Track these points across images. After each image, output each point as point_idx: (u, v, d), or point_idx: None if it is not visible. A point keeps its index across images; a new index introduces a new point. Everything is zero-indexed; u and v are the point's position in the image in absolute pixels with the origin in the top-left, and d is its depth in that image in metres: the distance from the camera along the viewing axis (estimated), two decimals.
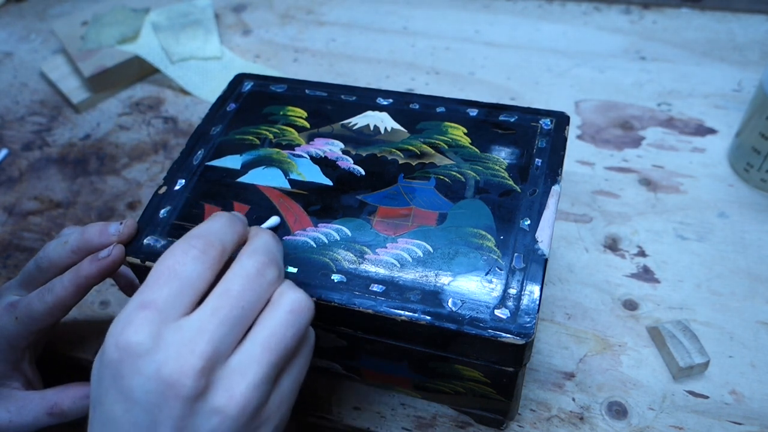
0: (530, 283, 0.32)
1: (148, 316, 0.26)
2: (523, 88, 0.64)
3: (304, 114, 0.43)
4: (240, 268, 0.28)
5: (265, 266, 0.29)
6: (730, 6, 0.71)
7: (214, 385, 0.26)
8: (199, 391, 0.26)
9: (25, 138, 0.66)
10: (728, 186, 0.53)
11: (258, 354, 0.27)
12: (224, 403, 0.26)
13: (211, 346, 0.26)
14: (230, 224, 0.30)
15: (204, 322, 0.26)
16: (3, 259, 0.55)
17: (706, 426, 0.40)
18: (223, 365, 0.26)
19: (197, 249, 0.28)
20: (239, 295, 0.27)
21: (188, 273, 0.27)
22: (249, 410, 0.26)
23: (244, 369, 0.26)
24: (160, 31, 0.71)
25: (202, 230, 0.29)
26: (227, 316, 0.27)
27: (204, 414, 0.26)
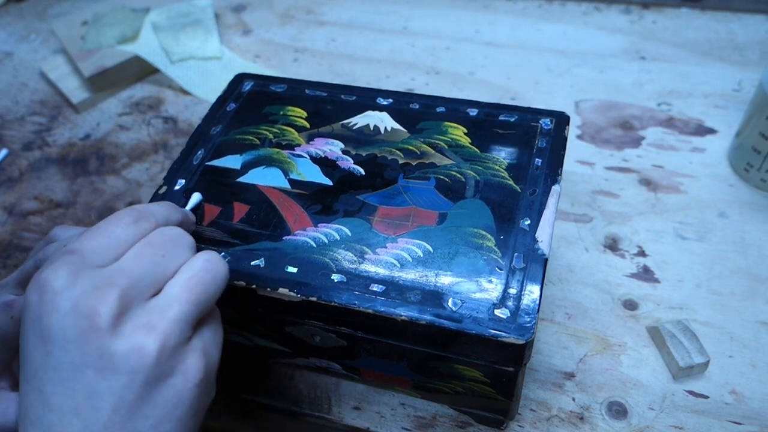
0: (530, 283, 0.32)
1: (70, 259, 0.27)
2: (523, 88, 0.64)
3: (304, 114, 0.43)
4: (163, 229, 0.30)
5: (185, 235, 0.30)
6: (730, 6, 0.71)
7: (134, 321, 0.26)
8: (117, 322, 0.26)
9: (25, 138, 0.66)
10: (728, 186, 0.53)
11: (177, 293, 0.27)
12: (143, 338, 0.26)
13: (129, 281, 0.27)
14: (169, 209, 0.32)
15: (124, 263, 0.28)
16: (3, 259, 0.55)
17: (706, 426, 0.40)
18: (142, 305, 0.27)
19: (131, 218, 0.29)
20: (160, 244, 0.29)
21: (118, 233, 0.29)
22: (169, 345, 0.26)
23: (164, 306, 0.27)
24: (160, 31, 0.71)
25: (142, 206, 0.31)
26: (147, 259, 0.28)
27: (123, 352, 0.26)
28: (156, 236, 0.29)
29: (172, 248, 0.29)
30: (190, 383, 0.27)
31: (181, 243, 0.30)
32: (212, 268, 0.29)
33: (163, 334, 0.26)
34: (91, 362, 0.26)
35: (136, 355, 0.26)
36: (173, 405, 0.27)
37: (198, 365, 0.28)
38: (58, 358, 0.26)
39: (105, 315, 0.26)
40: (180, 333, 0.27)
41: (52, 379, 0.26)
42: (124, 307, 0.26)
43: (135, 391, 0.26)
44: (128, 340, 0.26)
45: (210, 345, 0.29)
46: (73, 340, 0.26)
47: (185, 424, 0.28)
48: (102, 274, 0.27)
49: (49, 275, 0.26)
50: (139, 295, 0.27)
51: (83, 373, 0.26)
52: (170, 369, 0.27)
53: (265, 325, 0.38)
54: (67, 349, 0.26)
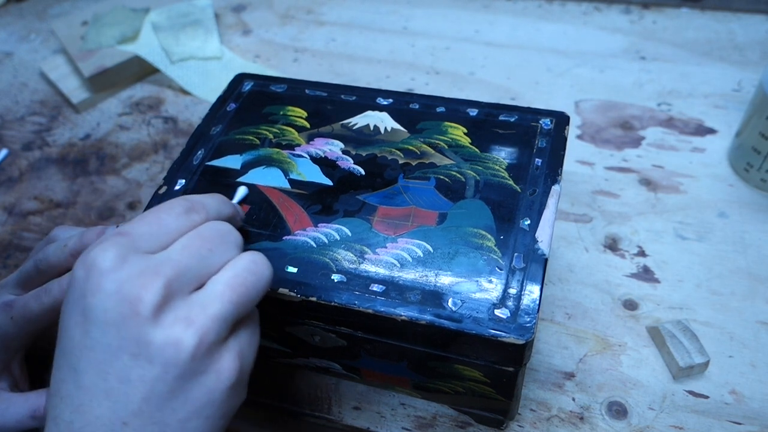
0: (530, 283, 0.32)
1: (120, 240, 0.27)
2: (523, 88, 0.64)
3: (304, 114, 0.43)
4: (213, 223, 0.30)
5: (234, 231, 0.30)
6: (730, 6, 0.71)
7: (174, 313, 0.26)
8: (158, 311, 0.26)
9: (25, 138, 0.66)
10: (728, 186, 0.53)
11: (220, 291, 0.27)
12: (181, 331, 0.26)
13: (174, 271, 0.27)
14: (221, 202, 0.32)
15: (172, 253, 0.28)
16: (3, 259, 0.55)
17: (706, 426, 0.40)
18: (184, 298, 0.27)
19: (183, 208, 0.30)
20: (209, 238, 0.29)
21: (168, 222, 0.29)
22: (206, 342, 0.26)
23: (206, 302, 0.27)
24: (160, 31, 0.71)
25: (194, 197, 0.31)
26: (195, 252, 0.28)
27: (160, 342, 0.26)
28: (205, 229, 0.29)
29: (219, 244, 0.29)
30: (223, 384, 0.27)
31: (230, 239, 0.30)
32: (257, 269, 0.29)
33: (201, 330, 0.26)
34: (128, 347, 0.26)
35: (172, 348, 0.26)
36: (203, 403, 0.27)
37: (232, 366, 0.27)
38: (96, 339, 0.26)
39: (148, 302, 0.26)
40: (218, 331, 0.27)
41: (87, 358, 0.26)
42: (167, 298, 0.26)
43: (167, 384, 0.26)
44: (167, 331, 0.26)
45: (246, 347, 0.29)
46: (113, 322, 0.26)
47: (213, 423, 0.28)
48: (149, 261, 0.27)
49: (98, 255, 0.26)
50: (183, 288, 0.27)
51: (118, 357, 0.26)
52: (204, 367, 0.27)
53: (265, 325, 0.38)
54: (106, 330, 0.26)
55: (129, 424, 0.26)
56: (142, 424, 0.26)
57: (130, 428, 0.26)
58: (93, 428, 0.26)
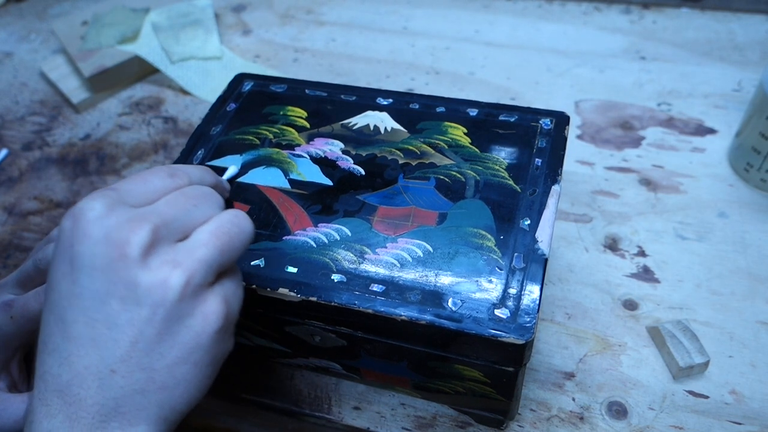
0: (530, 283, 0.32)
1: (108, 193, 0.28)
2: (523, 88, 0.64)
3: (304, 114, 0.43)
4: (195, 186, 0.31)
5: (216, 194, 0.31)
6: (730, 6, 0.71)
7: (161, 257, 0.27)
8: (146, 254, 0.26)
9: (25, 138, 0.66)
10: (728, 186, 0.53)
11: (205, 238, 0.28)
12: (168, 272, 0.26)
13: (161, 219, 0.27)
14: (204, 172, 0.33)
15: (157, 205, 0.28)
16: (3, 259, 0.55)
17: (706, 426, 0.40)
18: (171, 244, 0.27)
19: (166, 173, 0.31)
20: (193, 196, 0.30)
21: (154, 182, 0.30)
22: (193, 283, 0.27)
23: (192, 248, 0.27)
24: (160, 31, 0.71)
25: (178, 166, 0.32)
26: (180, 206, 0.29)
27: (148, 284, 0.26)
28: (189, 189, 0.30)
29: (203, 200, 0.30)
30: (210, 327, 0.27)
31: (212, 199, 0.30)
32: (239, 222, 0.30)
33: (188, 271, 0.27)
34: (116, 292, 0.26)
35: (160, 289, 0.26)
36: (191, 348, 0.27)
37: (219, 310, 0.28)
38: (84, 286, 0.26)
39: (135, 244, 0.26)
40: (204, 274, 0.27)
41: (74, 306, 0.27)
42: (154, 242, 0.27)
43: (155, 326, 0.26)
44: (154, 272, 0.26)
45: (231, 295, 0.29)
46: (101, 267, 0.26)
47: (200, 370, 0.28)
48: (136, 211, 0.27)
49: (85, 204, 0.27)
50: (169, 235, 0.27)
51: (107, 302, 0.26)
52: (191, 309, 0.27)
53: (265, 325, 0.38)
54: (94, 276, 0.26)
55: (117, 371, 0.26)
56: (130, 371, 0.26)
57: (118, 375, 0.26)
58: (81, 378, 0.26)
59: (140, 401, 0.26)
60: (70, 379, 0.26)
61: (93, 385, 0.26)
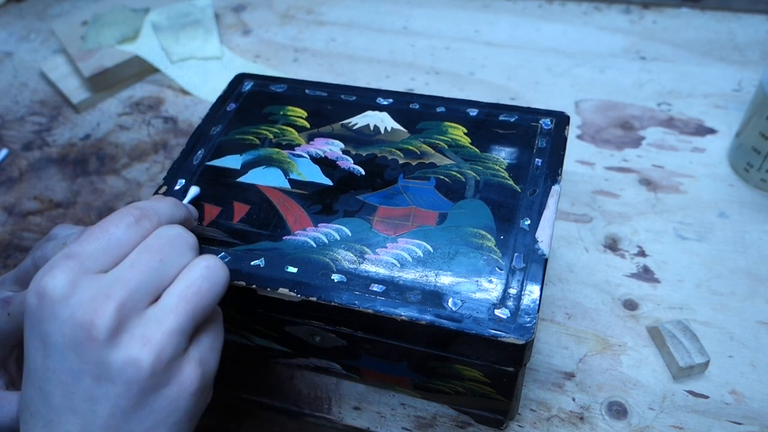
0: (530, 283, 0.32)
1: (69, 264, 0.27)
2: (523, 88, 0.64)
3: (304, 114, 0.43)
4: (162, 230, 0.30)
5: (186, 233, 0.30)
6: (730, 6, 0.71)
7: (130, 333, 0.27)
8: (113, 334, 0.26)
9: (25, 138, 0.66)
10: (728, 186, 0.53)
11: (174, 304, 0.27)
12: (138, 350, 0.26)
13: (126, 291, 0.27)
14: (172, 205, 0.32)
15: (122, 271, 0.27)
16: (3, 259, 0.55)
17: (706, 426, 0.40)
18: (139, 315, 0.27)
19: (133, 217, 0.29)
20: (158, 249, 0.28)
21: (118, 236, 0.28)
22: (164, 357, 0.27)
23: (161, 318, 0.27)
24: (160, 31, 0.71)
25: (143, 204, 0.30)
26: (145, 267, 0.28)
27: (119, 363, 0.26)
28: (155, 239, 0.29)
29: (170, 251, 0.29)
30: (186, 392, 0.28)
31: (182, 244, 0.30)
32: (210, 275, 0.29)
33: (158, 347, 0.27)
34: (88, 370, 0.26)
35: (131, 367, 0.26)
36: (168, 412, 0.28)
37: (194, 375, 0.28)
38: (57, 362, 0.27)
39: (101, 327, 0.26)
40: (176, 345, 0.27)
41: (51, 380, 0.27)
42: (121, 320, 0.27)
43: (130, 399, 0.27)
44: (124, 351, 0.26)
45: (207, 353, 0.29)
46: (71, 347, 0.26)
47: (180, 428, 0.28)
48: (100, 283, 0.27)
49: (47, 282, 0.27)
50: (137, 305, 0.27)
51: (80, 379, 0.27)
52: (166, 380, 0.27)
53: (265, 325, 0.38)
54: (65, 355, 0.26)
55: None
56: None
57: None
58: None
59: None
60: None
61: None
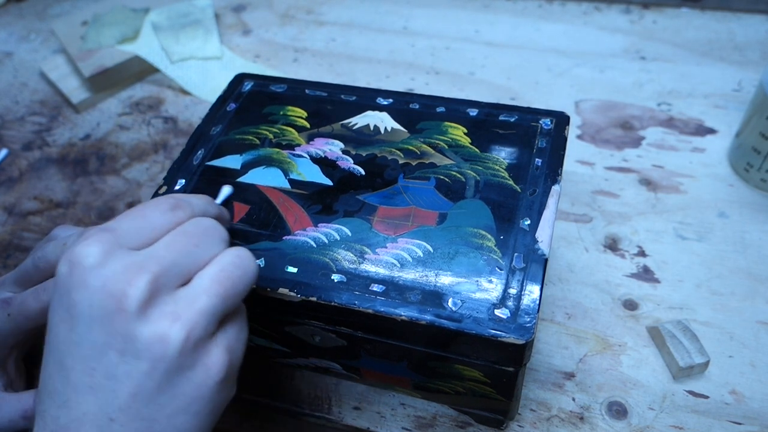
0: (530, 283, 0.32)
1: (104, 237, 0.27)
2: (523, 88, 0.64)
3: (304, 114, 0.43)
4: (197, 220, 0.30)
5: (219, 226, 0.30)
6: (730, 6, 0.71)
7: (160, 309, 0.26)
8: (144, 306, 0.25)
9: (25, 138, 0.66)
10: (728, 186, 0.53)
11: (207, 285, 0.27)
12: (168, 326, 0.26)
13: (160, 267, 0.26)
14: (206, 202, 0.32)
15: (156, 249, 0.27)
16: (3, 259, 0.55)
17: (706, 426, 0.40)
18: (171, 294, 0.27)
19: (168, 205, 0.29)
20: (193, 234, 0.28)
21: (153, 219, 0.28)
22: (193, 337, 0.26)
23: (192, 297, 0.27)
24: (160, 31, 0.71)
25: (179, 195, 0.31)
26: (179, 248, 0.27)
27: (147, 338, 0.25)
28: (190, 226, 0.29)
29: (205, 239, 0.29)
30: (212, 379, 0.27)
31: (215, 235, 0.29)
32: (242, 264, 0.29)
33: (189, 324, 0.26)
34: (114, 344, 0.26)
35: (159, 343, 0.25)
36: (191, 399, 0.27)
37: (221, 361, 0.27)
38: (82, 335, 0.26)
39: (133, 298, 0.25)
40: (206, 326, 0.27)
41: (73, 354, 0.26)
42: (153, 293, 0.26)
43: (155, 380, 0.26)
44: (153, 326, 0.26)
45: (234, 343, 0.29)
46: (98, 318, 0.26)
47: (201, 420, 0.27)
48: (134, 257, 0.26)
49: (81, 250, 0.26)
50: (169, 283, 0.27)
51: (105, 353, 0.26)
52: (192, 362, 0.26)
53: (265, 325, 0.38)
54: (92, 327, 0.26)
55: (116, 420, 0.26)
56: (129, 420, 0.26)
57: (117, 424, 0.26)
58: (79, 424, 0.26)
59: None
60: (68, 423, 0.26)
61: (91, 431, 0.26)
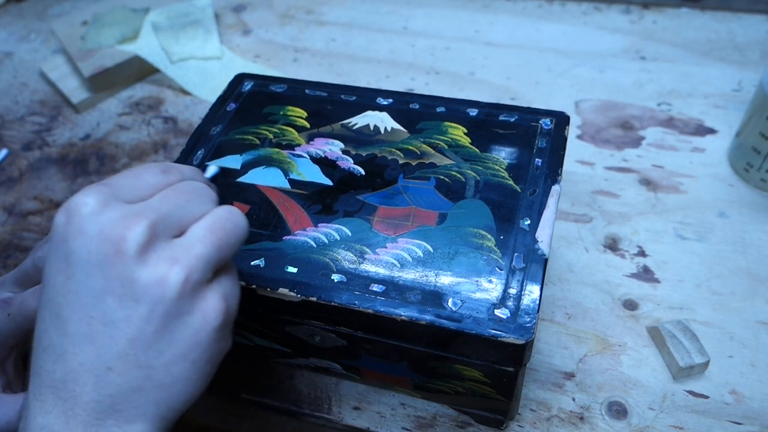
0: (530, 283, 0.32)
1: (101, 188, 0.27)
2: (523, 88, 0.64)
3: (304, 114, 0.43)
4: (188, 182, 0.30)
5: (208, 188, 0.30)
6: (730, 6, 0.71)
7: (158, 254, 0.26)
8: (143, 250, 0.26)
9: (25, 138, 0.66)
10: (728, 186, 0.53)
11: (201, 234, 0.27)
12: (167, 269, 0.26)
13: (156, 215, 0.27)
14: (195, 172, 0.33)
15: (152, 201, 0.28)
16: (3, 259, 0.55)
17: (706, 426, 0.40)
18: (167, 240, 0.27)
19: (159, 168, 0.30)
20: (186, 191, 0.29)
21: (147, 178, 0.29)
22: (192, 280, 0.26)
23: (189, 244, 0.27)
24: (160, 31, 0.71)
25: (169, 163, 0.31)
26: (174, 202, 0.28)
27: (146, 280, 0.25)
28: (182, 185, 0.30)
29: (196, 196, 0.29)
30: (209, 325, 0.27)
31: (205, 194, 0.30)
32: (234, 218, 0.29)
33: (187, 267, 0.26)
34: (113, 289, 0.26)
35: (158, 286, 0.26)
36: (189, 346, 0.27)
37: (218, 307, 0.27)
38: (80, 282, 0.26)
39: (132, 241, 0.25)
40: (203, 270, 0.27)
41: (70, 303, 0.26)
42: (151, 238, 0.26)
43: (153, 324, 0.26)
44: (152, 269, 0.26)
45: (229, 292, 0.29)
46: (96, 264, 0.26)
47: (199, 368, 0.27)
48: (130, 207, 0.27)
49: (78, 199, 0.26)
50: (165, 231, 0.27)
51: (103, 299, 0.26)
52: (190, 306, 0.26)
53: (265, 325, 0.38)
54: (90, 273, 0.26)
55: (113, 368, 0.26)
56: (126, 368, 0.26)
57: (114, 373, 0.26)
58: (76, 375, 0.26)
59: (137, 399, 0.26)
60: (65, 375, 0.26)
61: (89, 381, 0.26)
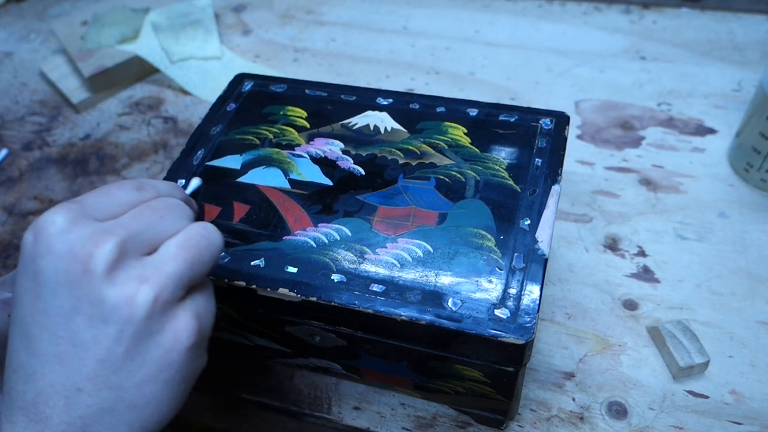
0: (530, 283, 0.32)
1: (71, 206, 0.27)
2: (523, 88, 0.64)
3: (304, 114, 0.43)
4: (162, 198, 0.30)
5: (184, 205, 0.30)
6: (730, 6, 0.71)
7: (128, 273, 0.26)
8: (111, 268, 0.25)
9: (25, 138, 0.66)
10: (728, 186, 0.53)
11: (173, 252, 0.27)
12: (136, 288, 0.25)
13: (126, 233, 0.26)
14: (172, 187, 0.32)
15: (123, 219, 0.27)
16: (3, 259, 0.55)
17: (706, 426, 0.40)
18: (138, 258, 0.26)
19: (134, 186, 0.29)
20: (159, 208, 0.28)
21: (120, 195, 0.29)
22: (162, 299, 0.26)
23: (159, 263, 0.26)
24: (160, 31, 0.71)
25: (145, 180, 0.31)
26: (146, 219, 0.27)
27: (115, 301, 0.25)
28: (156, 202, 0.29)
29: (170, 213, 0.29)
30: (181, 344, 0.26)
31: (180, 211, 0.29)
32: (208, 235, 0.28)
33: (157, 286, 0.25)
34: (81, 308, 0.25)
35: (127, 305, 0.25)
36: (161, 366, 0.26)
37: (190, 326, 0.27)
38: (48, 302, 0.25)
39: (100, 259, 0.25)
40: (173, 290, 0.26)
41: (39, 323, 0.26)
42: (120, 256, 0.26)
43: (123, 344, 0.25)
44: (121, 288, 0.25)
45: (203, 310, 0.28)
46: (64, 283, 0.25)
47: (171, 388, 0.27)
48: (100, 225, 0.26)
49: (46, 218, 0.26)
50: (135, 249, 0.26)
51: (72, 319, 0.25)
52: (161, 326, 0.26)
53: (265, 325, 0.38)
54: (58, 292, 0.25)
55: (83, 389, 0.25)
56: (97, 389, 0.25)
57: (84, 394, 0.25)
58: (46, 396, 0.25)
59: (109, 420, 0.26)
60: (35, 397, 0.25)
61: (59, 403, 0.25)
